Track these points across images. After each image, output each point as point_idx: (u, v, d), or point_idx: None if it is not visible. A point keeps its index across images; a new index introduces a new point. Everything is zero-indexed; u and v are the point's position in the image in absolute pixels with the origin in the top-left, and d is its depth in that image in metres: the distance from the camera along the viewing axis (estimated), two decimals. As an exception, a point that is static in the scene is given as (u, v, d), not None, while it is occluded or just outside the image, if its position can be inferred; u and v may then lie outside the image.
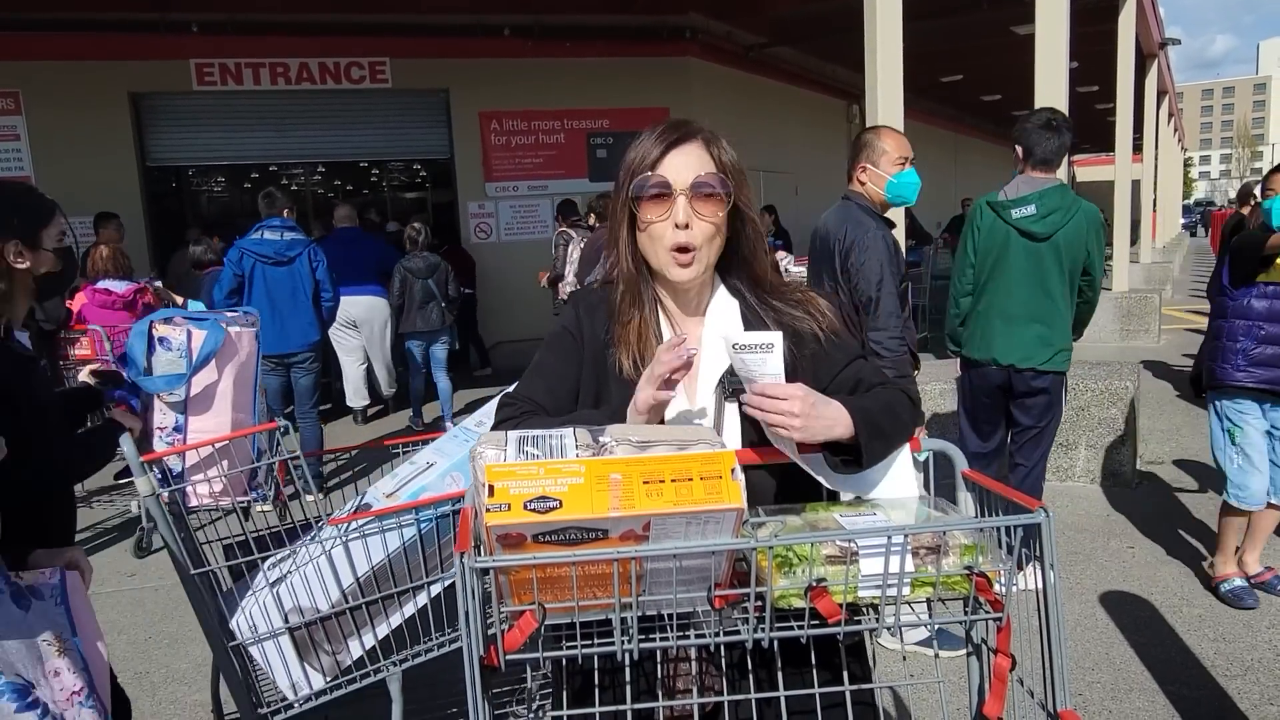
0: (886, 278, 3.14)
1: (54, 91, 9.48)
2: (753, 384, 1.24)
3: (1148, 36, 12.84)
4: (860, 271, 3.16)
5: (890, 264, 3.16)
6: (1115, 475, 5.33)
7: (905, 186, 3.28)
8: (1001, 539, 1.15)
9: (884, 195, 3.29)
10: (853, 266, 3.19)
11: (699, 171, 1.38)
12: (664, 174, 1.39)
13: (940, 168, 20.68)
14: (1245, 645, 3.40)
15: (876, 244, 3.16)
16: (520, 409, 1.46)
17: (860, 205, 3.31)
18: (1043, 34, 5.62)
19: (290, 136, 10.61)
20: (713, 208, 1.39)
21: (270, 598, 2.26)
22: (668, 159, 1.40)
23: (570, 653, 1.13)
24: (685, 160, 1.39)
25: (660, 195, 1.38)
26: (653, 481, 1.02)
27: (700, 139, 1.42)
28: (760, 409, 1.24)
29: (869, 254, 3.15)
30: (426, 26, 10.51)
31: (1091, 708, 3.03)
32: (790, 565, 1.11)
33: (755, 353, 1.20)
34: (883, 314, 3.14)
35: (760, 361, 1.21)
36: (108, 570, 4.82)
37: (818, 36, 12.69)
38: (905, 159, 3.29)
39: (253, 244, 5.77)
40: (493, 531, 1.00)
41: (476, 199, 11.08)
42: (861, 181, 3.34)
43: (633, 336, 1.44)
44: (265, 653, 2.26)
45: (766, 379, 1.22)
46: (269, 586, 2.27)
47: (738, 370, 1.27)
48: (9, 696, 1.51)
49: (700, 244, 1.39)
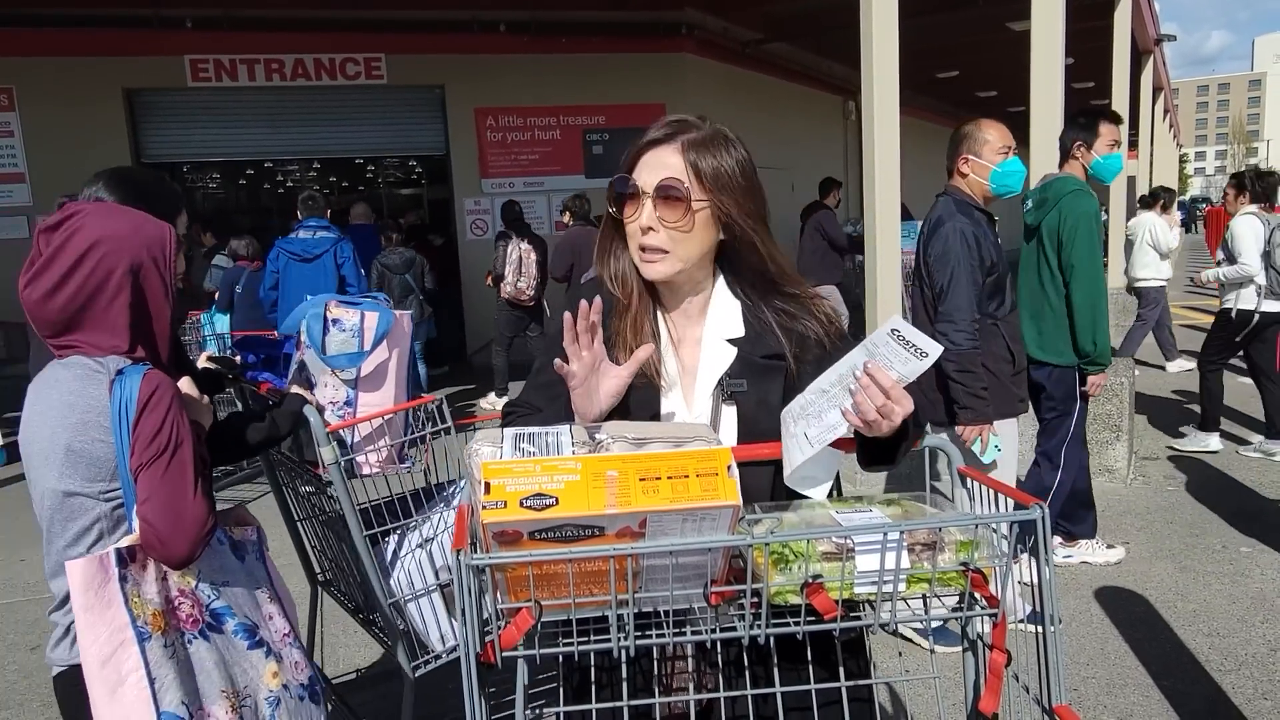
0: (959, 271, 3.09)
1: (48, 87, 9.44)
2: (869, 366, 1.19)
3: (1143, 33, 12.85)
4: (935, 261, 3.15)
5: (968, 256, 3.10)
6: (1111, 471, 5.35)
7: (1010, 175, 3.24)
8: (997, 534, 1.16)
9: (988, 185, 3.25)
10: (930, 256, 3.17)
11: (664, 175, 1.36)
12: (636, 175, 1.39)
13: (936, 164, 20.68)
14: (1239, 640, 3.41)
15: (953, 236, 3.12)
16: (521, 414, 1.47)
17: (956, 199, 3.27)
18: (1038, 30, 5.62)
19: (285, 133, 10.59)
20: (676, 213, 1.36)
21: (425, 556, 2.41)
22: (642, 159, 1.39)
23: (567, 649, 1.13)
24: (656, 162, 1.37)
25: (632, 195, 1.38)
26: (649, 478, 1.02)
27: (682, 141, 1.38)
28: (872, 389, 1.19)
29: (945, 244, 3.12)
30: (422, 22, 10.48)
31: (1086, 703, 3.04)
32: (786, 562, 1.12)
33: (905, 349, 1.16)
34: (950, 306, 3.08)
35: (904, 361, 1.17)
36: (103, 567, 4.82)
37: (814, 32, 12.68)
38: (1008, 148, 3.26)
39: (286, 242, 6.44)
40: (489, 529, 1.00)
41: (472, 195, 11.07)
42: (963, 173, 3.30)
43: (629, 334, 1.44)
44: (420, 608, 2.43)
45: (894, 374, 1.18)
46: (420, 546, 2.42)
47: (869, 350, 1.20)
48: (241, 635, 1.68)
49: (668, 247, 1.38)
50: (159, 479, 1.56)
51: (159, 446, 1.57)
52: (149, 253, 1.67)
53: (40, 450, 1.60)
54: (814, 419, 1.27)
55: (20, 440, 1.66)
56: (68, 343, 1.63)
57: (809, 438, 1.27)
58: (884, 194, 5.29)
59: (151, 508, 1.56)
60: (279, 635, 1.78)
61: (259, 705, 1.68)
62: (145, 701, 1.51)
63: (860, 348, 1.22)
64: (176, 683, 1.55)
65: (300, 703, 1.75)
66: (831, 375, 1.26)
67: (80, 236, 1.60)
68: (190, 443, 1.63)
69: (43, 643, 3.89)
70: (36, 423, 1.62)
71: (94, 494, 1.58)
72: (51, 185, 9.55)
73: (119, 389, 1.57)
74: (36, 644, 3.97)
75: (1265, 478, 5.31)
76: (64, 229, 1.61)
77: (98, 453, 1.57)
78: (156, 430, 1.57)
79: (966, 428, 3.10)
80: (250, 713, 1.66)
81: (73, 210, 1.63)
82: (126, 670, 1.51)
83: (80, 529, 1.60)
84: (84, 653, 1.51)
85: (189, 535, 1.58)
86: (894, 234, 5.42)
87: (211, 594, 1.68)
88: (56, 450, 1.58)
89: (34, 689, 3.56)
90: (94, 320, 1.62)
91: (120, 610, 1.52)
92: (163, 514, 1.56)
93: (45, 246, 1.61)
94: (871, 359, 1.19)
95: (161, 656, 1.54)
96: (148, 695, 1.51)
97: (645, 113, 10.64)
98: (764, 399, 1.41)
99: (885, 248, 5.39)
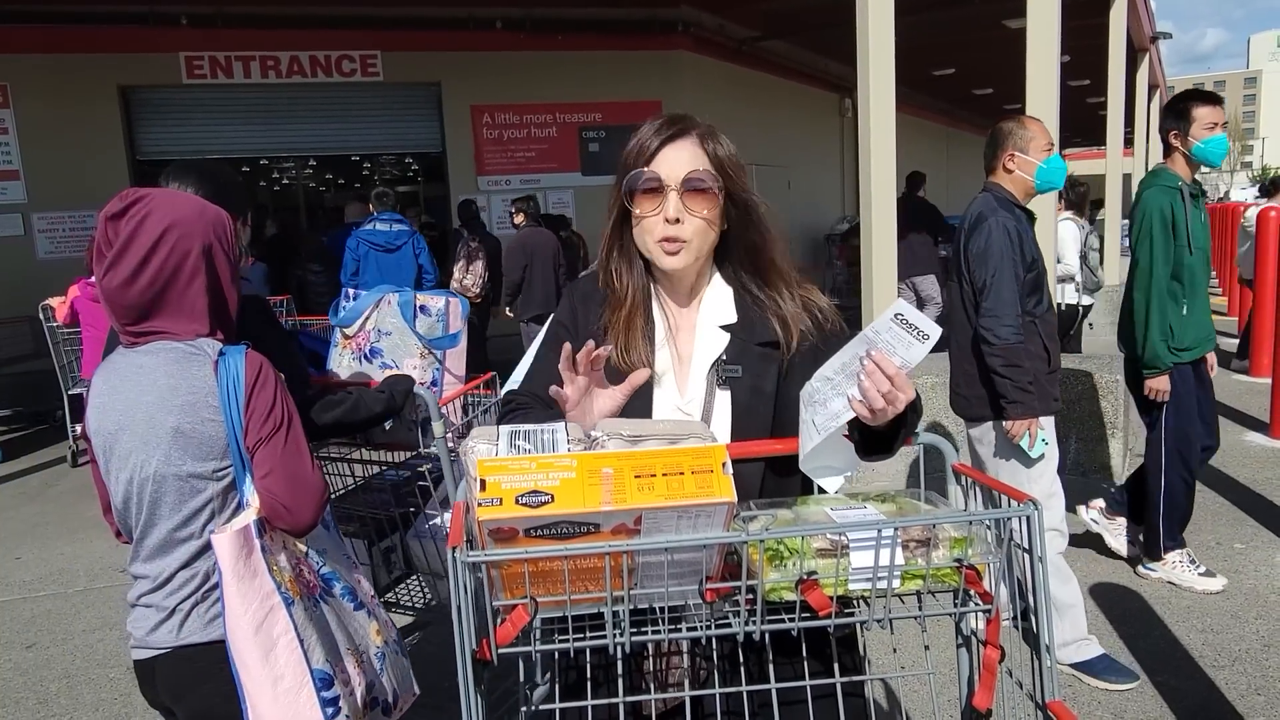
0: (1003, 266, 3.07)
1: (43, 85, 9.42)
2: (873, 354, 1.21)
3: (1139, 30, 12.86)
4: (977, 257, 3.13)
5: (1011, 251, 3.08)
6: (1106, 468, 5.36)
7: (1054, 171, 3.23)
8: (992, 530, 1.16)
9: (1033, 182, 3.24)
10: (971, 252, 3.16)
11: (691, 167, 1.40)
12: (656, 169, 1.41)
13: (932, 162, 20.70)
14: (1233, 636, 3.43)
15: (996, 230, 3.10)
16: (517, 404, 1.49)
17: (997, 195, 3.25)
18: (1034, 28, 5.62)
19: (281, 130, 10.57)
20: (704, 203, 1.41)
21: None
22: (661, 154, 1.41)
23: (562, 646, 1.14)
24: (678, 156, 1.41)
25: (652, 190, 1.41)
26: (644, 475, 1.03)
27: (695, 134, 1.43)
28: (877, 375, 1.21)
29: (988, 240, 3.11)
30: (418, 19, 10.47)
31: (1080, 698, 3.05)
32: (781, 558, 1.12)
33: (908, 333, 1.17)
34: (994, 301, 3.06)
35: (906, 345, 1.18)
36: (99, 566, 4.81)
37: (810, 30, 12.69)
38: (1050, 145, 3.26)
39: (367, 234, 7.02)
40: (485, 526, 1.00)
41: (469, 192, 11.05)
42: (1009, 169, 3.26)
43: (622, 325, 1.46)
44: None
45: (897, 360, 1.20)
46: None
47: (871, 336, 1.21)
48: (347, 598, 1.81)
49: (689, 237, 1.41)
50: (279, 453, 1.64)
51: (275, 422, 1.64)
52: (215, 235, 1.70)
53: (138, 435, 1.62)
54: (819, 406, 1.30)
55: (97, 429, 1.67)
56: (148, 329, 1.65)
57: (816, 425, 1.30)
58: (880, 191, 5.30)
59: (275, 480, 1.64)
60: (369, 598, 1.88)
61: (372, 661, 1.79)
62: (299, 661, 1.59)
63: (862, 335, 1.23)
64: (319, 642, 1.64)
65: (397, 657, 1.87)
66: (835, 363, 1.28)
67: (152, 221, 1.61)
68: (299, 417, 1.71)
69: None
70: (124, 409, 1.63)
71: (207, 473, 1.63)
72: (46, 183, 9.54)
73: (224, 369, 1.62)
74: (32, 642, 3.96)
75: (1259, 474, 5.33)
76: (130, 215, 1.61)
77: (209, 432, 1.61)
78: (270, 407, 1.64)
79: (1015, 423, 3.08)
80: (369, 667, 1.77)
81: (135, 196, 1.64)
82: (278, 633, 1.59)
83: (194, 508, 1.64)
84: (235, 621, 1.57)
85: (312, 503, 1.68)
86: (889, 230, 5.43)
87: (319, 561, 1.79)
88: (161, 434, 1.60)
89: (30, 687, 3.56)
90: (173, 304, 1.64)
91: (266, 578, 1.60)
92: (286, 485, 1.64)
93: (114, 234, 1.61)
94: (875, 346, 1.21)
95: (305, 619, 1.63)
96: (299, 655, 1.60)
97: (642, 110, 10.64)
98: (758, 385, 1.43)
99: (881, 244, 5.40)
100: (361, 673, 1.73)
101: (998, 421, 3.16)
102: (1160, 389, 3.70)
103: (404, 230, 7.12)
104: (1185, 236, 3.64)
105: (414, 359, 2.72)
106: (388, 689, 1.81)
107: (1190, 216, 3.65)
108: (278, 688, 1.57)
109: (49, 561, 4.97)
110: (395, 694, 1.83)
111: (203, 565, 1.66)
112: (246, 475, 1.64)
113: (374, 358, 2.75)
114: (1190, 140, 3.64)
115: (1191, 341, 3.71)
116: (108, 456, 1.67)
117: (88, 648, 3.88)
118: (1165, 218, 3.61)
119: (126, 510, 1.68)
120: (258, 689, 1.57)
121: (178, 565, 1.65)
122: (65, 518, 5.73)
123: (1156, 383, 3.70)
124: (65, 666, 3.72)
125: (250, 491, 1.64)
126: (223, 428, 1.61)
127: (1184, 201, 3.65)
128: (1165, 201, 3.62)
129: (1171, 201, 3.62)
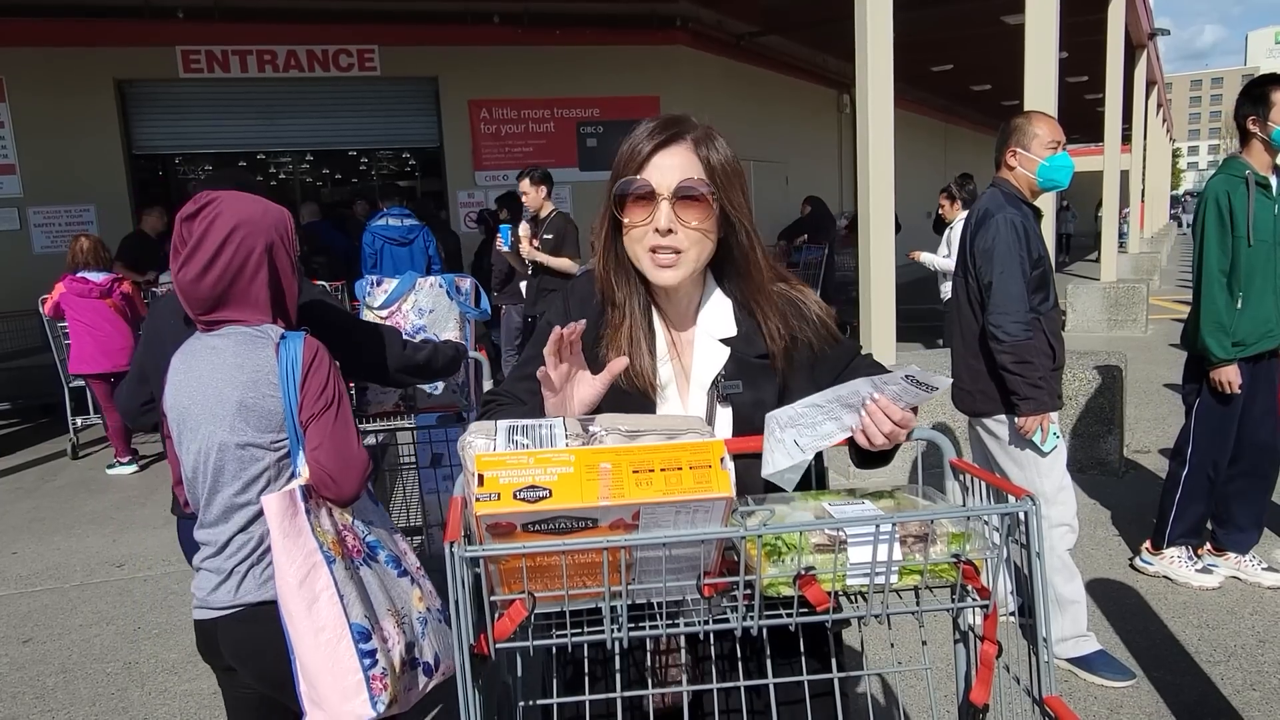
0: (1009, 262, 3.06)
1: (38, 78, 9.37)
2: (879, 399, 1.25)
3: (1137, 27, 12.87)
4: (983, 253, 3.12)
5: (1019, 247, 3.07)
6: (1102, 464, 5.37)
7: (1058, 170, 3.19)
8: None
9: (1035, 179, 3.21)
10: (978, 248, 3.15)
11: (684, 176, 1.32)
12: (648, 177, 1.33)
13: (930, 157, 20.70)
14: (1229, 632, 3.44)
15: (1003, 226, 3.09)
16: (501, 404, 1.45)
17: (1004, 191, 3.24)
18: (1033, 24, 5.63)
19: (278, 124, 10.53)
20: (698, 213, 1.33)
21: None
22: (654, 161, 1.33)
23: (560, 641, 1.13)
24: (671, 163, 1.33)
25: (643, 198, 1.33)
26: (642, 470, 1.02)
27: (690, 140, 1.35)
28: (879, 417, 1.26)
29: (993, 237, 3.09)
30: (415, 14, 10.44)
31: (1077, 694, 3.06)
32: (779, 554, 1.12)
33: (918, 389, 1.21)
34: (1003, 297, 3.05)
35: (914, 396, 1.23)
36: (95, 560, 4.81)
37: (808, 25, 12.67)
38: (1058, 143, 3.21)
39: (381, 229, 7.45)
40: (482, 521, 1.00)
41: (466, 188, 11.03)
42: (1010, 166, 3.25)
43: (624, 341, 1.41)
44: None
45: (901, 404, 1.25)
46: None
47: (878, 386, 1.25)
48: (391, 564, 1.94)
49: (684, 248, 1.35)
50: (329, 429, 1.81)
51: (326, 400, 1.82)
52: (277, 233, 1.88)
53: (207, 408, 1.79)
54: (806, 429, 1.28)
55: (173, 404, 1.84)
56: (218, 318, 1.83)
57: (800, 445, 1.28)
58: (878, 187, 5.30)
59: (324, 453, 1.80)
60: (414, 568, 2.00)
61: (413, 624, 1.91)
62: (339, 615, 1.73)
63: (867, 381, 1.25)
64: (359, 599, 1.78)
65: (439, 624, 1.98)
66: (829, 394, 1.27)
67: (221, 221, 1.79)
68: (347, 397, 1.88)
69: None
70: (197, 385, 1.81)
71: (265, 444, 1.79)
72: (42, 177, 9.50)
73: (284, 351, 1.79)
74: (29, 637, 3.96)
75: None
76: (203, 217, 1.79)
77: (269, 406, 1.78)
78: (323, 387, 1.82)
79: (1028, 419, 3.06)
80: (410, 630, 1.89)
81: (208, 198, 1.81)
82: (319, 588, 1.73)
83: (252, 476, 1.80)
84: (283, 575, 1.72)
85: (356, 475, 1.84)
86: (887, 225, 5.43)
87: (364, 529, 1.92)
88: (228, 406, 1.77)
89: (27, 681, 3.56)
90: (239, 296, 1.82)
91: (309, 537, 1.74)
92: (334, 458, 1.80)
93: (189, 234, 1.80)
94: (880, 393, 1.24)
95: (345, 576, 1.77)
96: (339, 609, 1.73)
97: (640, 105, 10.62)
98: (759, 399, 1.41)
99: (878, 239, 5.40)
100: (401, 633, 1.84)
101: (1009, 416, 3.14)
102: (1226, 379, 3.57)
103: (415, 225, 7.64)
104: (1245, 227, 3.49)
105: (451, 333, 3.15)
106: (429, 651, 1.92)
107: (1256, 207, 3.48)
108: (319, 637, 1.72)
109: (45, 556, 4.96)
110: (437, 658, 1.93)
111: (257, 529, 1.81)
112: (299, 448, 1.80)
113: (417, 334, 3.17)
114: (1270, 125, 3.49)
115: (1246, 336, 3.57)
116: (180, 429, 1.83)
117: (84, 642, 3.87)
118: (1221, 207, 3.50)
119: (195, 479, 1.83)
120: (301, 638, 1.72)
121: (235, 529, 1.81)
122: (62, 512, 5.73)
123: (1220, 373, 3.57)
124: (62, 661, 3.72)
125: (302, 463, 1.80)
126: (281, 403, 1.78)
127: (1248, 190, 3.49)
128: (1224, 190, 3.50)
129: (1230, 190, 3.50)
